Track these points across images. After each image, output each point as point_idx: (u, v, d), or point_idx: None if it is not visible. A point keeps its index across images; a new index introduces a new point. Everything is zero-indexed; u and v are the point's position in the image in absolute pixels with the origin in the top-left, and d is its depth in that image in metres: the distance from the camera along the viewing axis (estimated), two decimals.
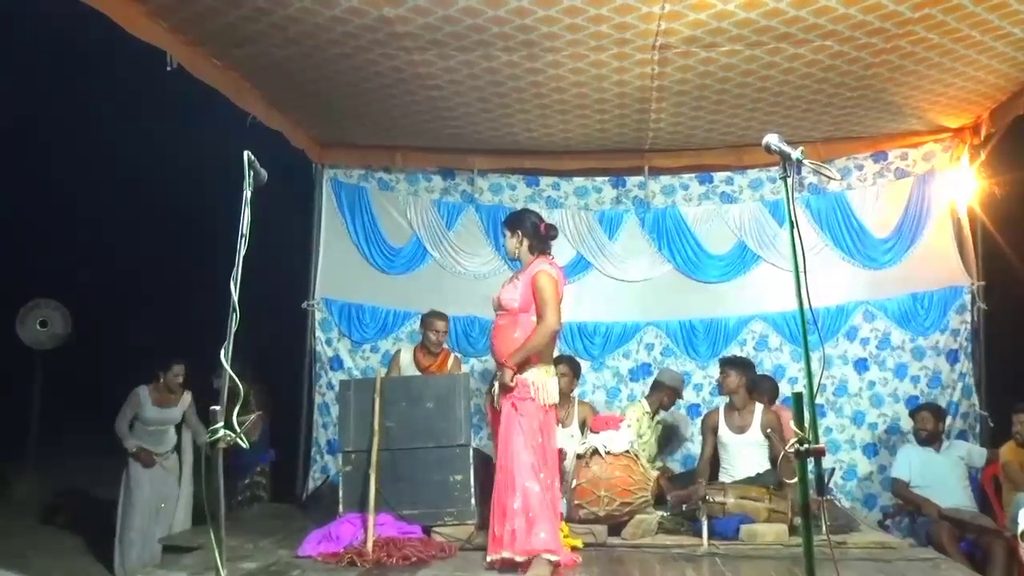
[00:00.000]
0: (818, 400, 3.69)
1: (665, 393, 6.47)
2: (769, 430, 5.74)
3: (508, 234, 4.74)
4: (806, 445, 2.42)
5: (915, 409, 6.27)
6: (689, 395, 7.34)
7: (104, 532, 6.46)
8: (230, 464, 6.68)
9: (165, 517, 6.34)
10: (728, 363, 6.05)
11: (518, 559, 4.24)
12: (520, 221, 4.73)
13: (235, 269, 2.64)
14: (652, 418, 6.46)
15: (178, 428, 6.60)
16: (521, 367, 4.46)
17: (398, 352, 6.50)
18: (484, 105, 6.23)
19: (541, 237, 4.67)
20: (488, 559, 4.39)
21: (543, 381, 4.49)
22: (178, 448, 6.62)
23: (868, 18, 4.80)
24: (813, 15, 4.75)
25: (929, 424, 6.03)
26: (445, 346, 6.64)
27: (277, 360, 7.59)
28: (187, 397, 6.54)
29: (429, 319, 6.35)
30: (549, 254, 4.70)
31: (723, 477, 5.83)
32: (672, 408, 6.75)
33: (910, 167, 7.17)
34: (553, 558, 4.23)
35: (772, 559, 4.70)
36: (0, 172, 11.13)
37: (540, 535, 4.23)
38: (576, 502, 5.19)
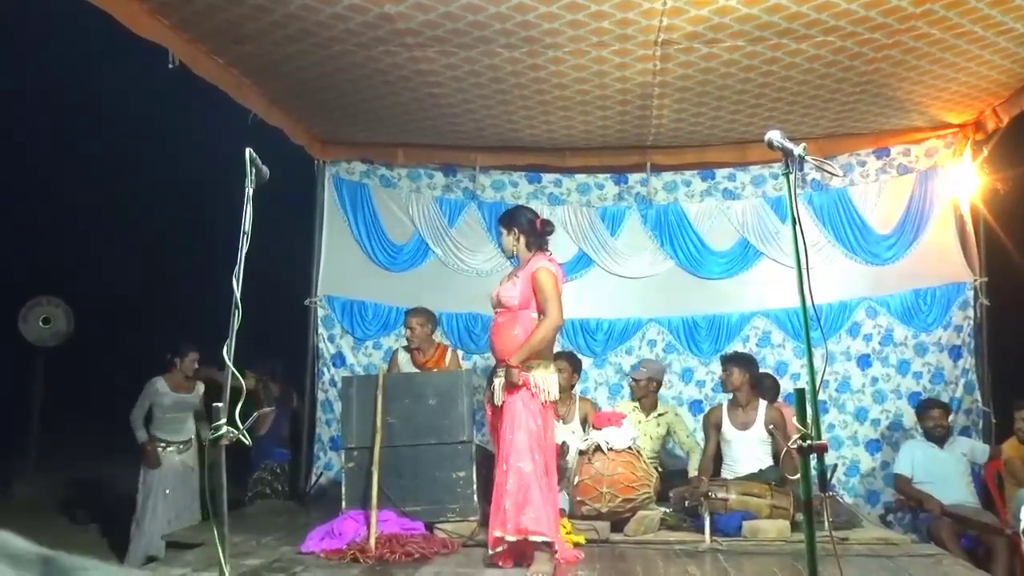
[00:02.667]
0: (821, 396, 3.69)
1: (642, 385, 6.45)
2: (772, 426, 5.73)
3: (504, 232, 4.74)
4: (809, 441, 2.42)
5: (926, 407, 6.19)
6: (691, 391, 7.35)
7: (111, 527, 6.48)
8: (245, 459, 6.74)
9: (186, 510, 6.35)
10: (730, 360, 6.04)
11: (509, 538, 4.23)
12: (515, 218, 4.73)
13: (237, 266, 2.65)
14: (648, 415, 6.43)
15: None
16: (524, 364, 4.46)
17: (396, 352, 6.51)
18: (486, 102, 6.23)
19: (537, 233, 4.67)
20: (489, 551, 4.38)
21: (543, 377, 4.48)
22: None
23: (870, 14, 4.79)
24: (815, 11, 4.75)
25: (943, 420, 6.03)
26: (444, 342, 6.66)
27: (280, 357, 7.61)
28: (200, 387, 6.58)
29: (405, 318, 6.38)
30: (547, 250, 4.70)
31: (725, 473, 5.83)
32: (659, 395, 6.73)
33: (913, 163, 7.16)
34: (539, 539, 4.20)
35: (774, 555, 4.70)
36: (2, 170, 11.14)
37: (531, 515, 4.21)
38: (579, 498, 5.20)
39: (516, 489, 4.27)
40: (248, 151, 2.76)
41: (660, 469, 5.96)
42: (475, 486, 5.17)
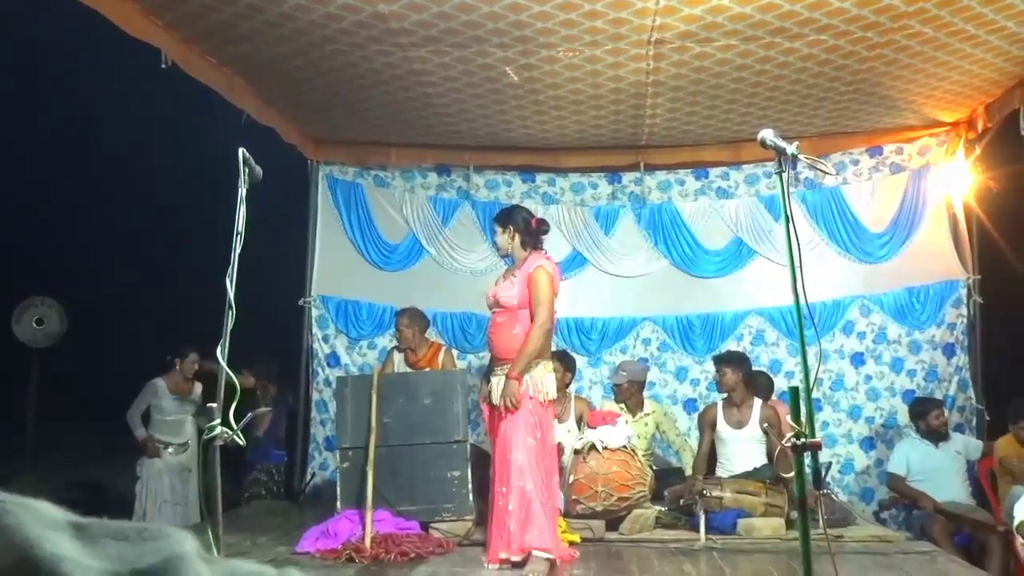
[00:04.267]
0: (815, 394, 3.70)
1: (624, 389, 6.41)
2: (766, 425, 5.73)
3: (499, 230, 4.73)
4: (803, 439, 2.43)
5: (927, 408, 6.14)
6: (686, 390, 7.36)
7: None
8: (241, 460, 6.74)
9: (185, 511, 6.36)
10: (722, 360, 6.03)
11: (514, 558, 4.26)
12: (511, 216, 4.73)
13: (231, 266, 2.64)
14: (634, 415, 6.39)
15: None
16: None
17: (391, 351, 6.51)
18: (479, 101, 6.23)
19: (532, 232, 4.67)
20: (487, 566, 4.39)
21: (541, 378, 4.48)
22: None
23: (863, 12, 4.80)
24: (807, 9, 4.75)
25: (944, 417, 6.06)
26: (438, 341, 6.67)
27: (276, 357, 7.60)
28: (198, 388, 6.57)
29: (395, 319, 6.40)
30: (542, 249, 4.70)
31: (720, 472, 5.83)
32: (646, 395, 6.71)
33: (905, 161, 7.18)
34: (546, 555, 4.24)
35: (769, 553, 4.71)
36: None
37: (534, 532, 4.23)
38: (573, 497, 5.20)
39: (518, 508, 4.28)
40: (241, 151, 2.76)
41: (654, 468, 5.96)
42: (470, 486, 5.16)
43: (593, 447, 5.27)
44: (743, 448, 5.81)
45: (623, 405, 6.43)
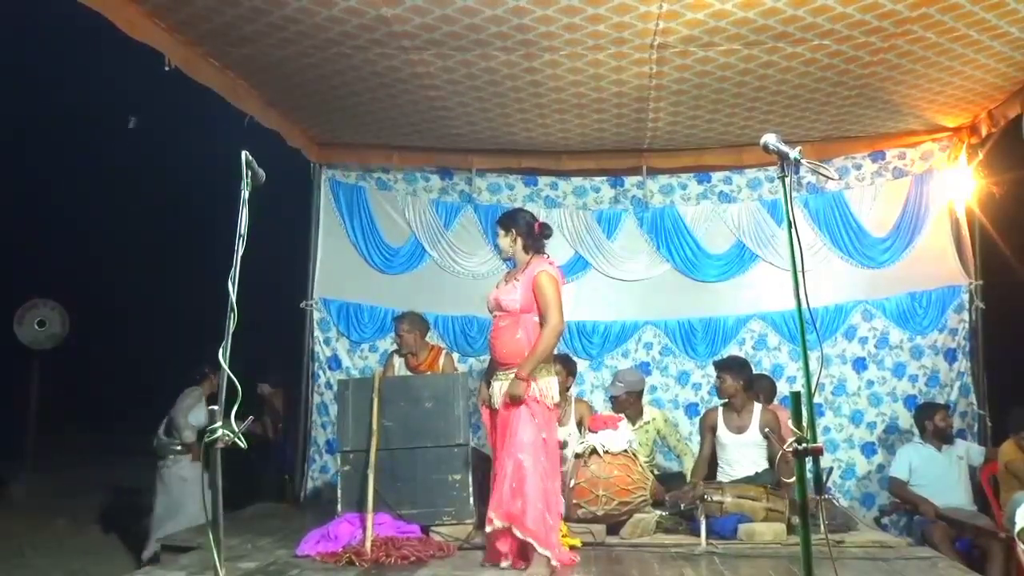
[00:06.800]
0: (816, 399, 3.69)
1: (621, 400, 6.37)
2: (767, 429, 5.72)
3: (502, 232, 4.73)
4: (804, 444, 2.42)
5: (933, 409, 6.14)
6: (687, 394, 7.36)
7: (107, 529, 6.47)
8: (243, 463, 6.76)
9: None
10: (722, 367, 6.01)
11: (497, 523, 4.26)
12: (513, 219, 4.72)
13: (233, 269, 2.64)
14: (634, 424, 6.34)
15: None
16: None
17: (391, 355, 6.50)
18: (482, 105, 6.23)
19: (535, 236, 4.67)
20: (487, 530, 4.39)
21: (546, 383, 4.48)
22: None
23: (866, 17, 4.80)
24: (811, 14, 4.76)
25: (950, 420, 6.05)
26: (439, 344, 6.66)
27: (276, 360, 7.60)
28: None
29: (393, 325, 6.42)
30: (544, 253, 4.70)
31: (721, 477, 5.82)
32: (649, 404, 6.70)
33: (908, 166, 7.17)
34: (520, 534, 4.23)
35: (770, 558, 4.71)
36: None
37: (518, 504, 4.24)
38: (574, 501, 5.20)
39: (513, 476, 4.29)
40: (244, 154, 2.75)
41: (655, 472, 5.95)
42: (471, 489, 5.17)
43: (594, 451, 5.27)
44: (744, 453, 5.80)
45: (622, 415, 6.41)
